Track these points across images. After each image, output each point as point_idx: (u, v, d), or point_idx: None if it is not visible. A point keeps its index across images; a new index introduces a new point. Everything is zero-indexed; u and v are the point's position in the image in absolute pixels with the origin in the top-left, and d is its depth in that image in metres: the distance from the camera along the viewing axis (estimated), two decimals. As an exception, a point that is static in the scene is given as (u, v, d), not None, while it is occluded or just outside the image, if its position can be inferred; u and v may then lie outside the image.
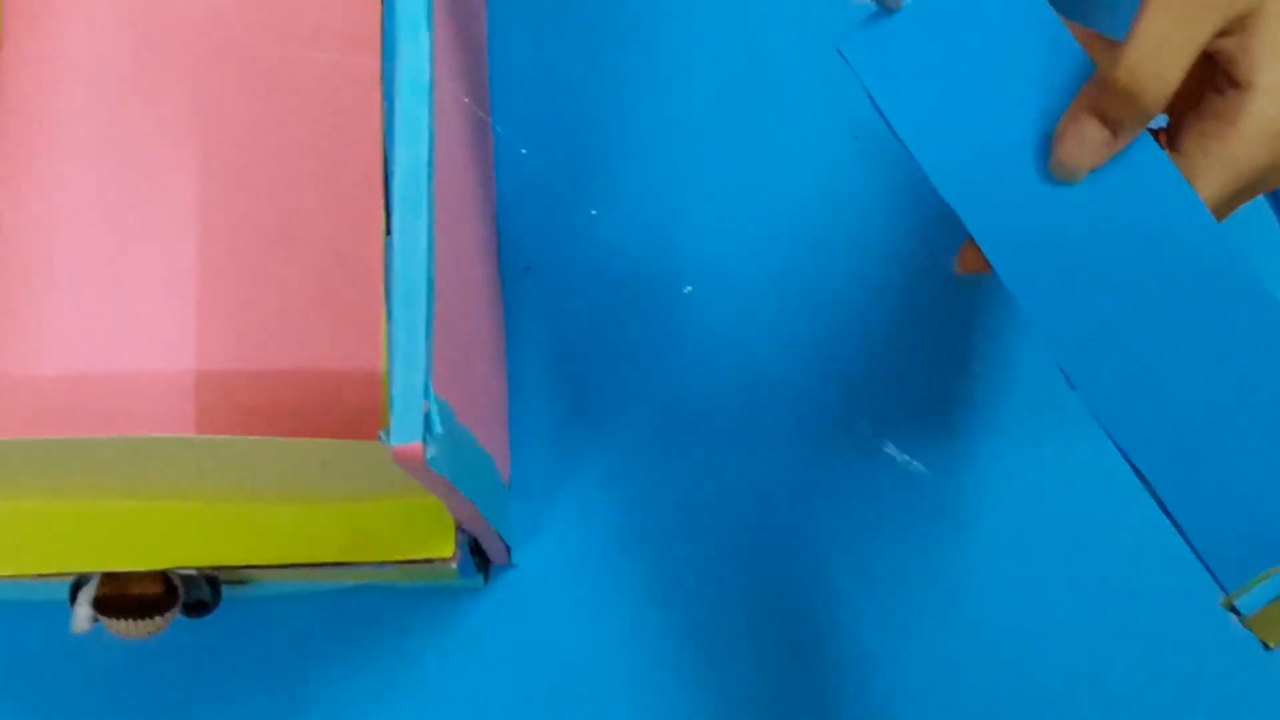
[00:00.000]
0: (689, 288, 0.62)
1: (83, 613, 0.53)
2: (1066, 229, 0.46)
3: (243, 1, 0.57)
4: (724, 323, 0.62)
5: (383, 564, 0.53)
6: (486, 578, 0.60)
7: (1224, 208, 0.47)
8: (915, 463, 0.61)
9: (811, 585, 0.60)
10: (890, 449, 0.61)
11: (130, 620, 0.53)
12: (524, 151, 0.62)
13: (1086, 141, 0.45)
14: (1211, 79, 0.46)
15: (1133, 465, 0.46)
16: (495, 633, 0.60)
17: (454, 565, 0.53)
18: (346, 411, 0.53)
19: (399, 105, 0.45)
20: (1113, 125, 0.45)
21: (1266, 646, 0.46)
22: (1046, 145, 0.46)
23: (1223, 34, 0.44)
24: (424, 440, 0.43)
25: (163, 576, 0.53)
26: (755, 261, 0.63)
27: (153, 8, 0.57)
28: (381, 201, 0.55)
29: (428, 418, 0.43)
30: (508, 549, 0.58)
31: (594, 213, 0.62)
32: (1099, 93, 0.45)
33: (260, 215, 0.55)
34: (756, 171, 0.64)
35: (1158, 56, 0.44)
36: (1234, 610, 0.46)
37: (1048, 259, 0.46)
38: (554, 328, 0.62)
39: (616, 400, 0.62)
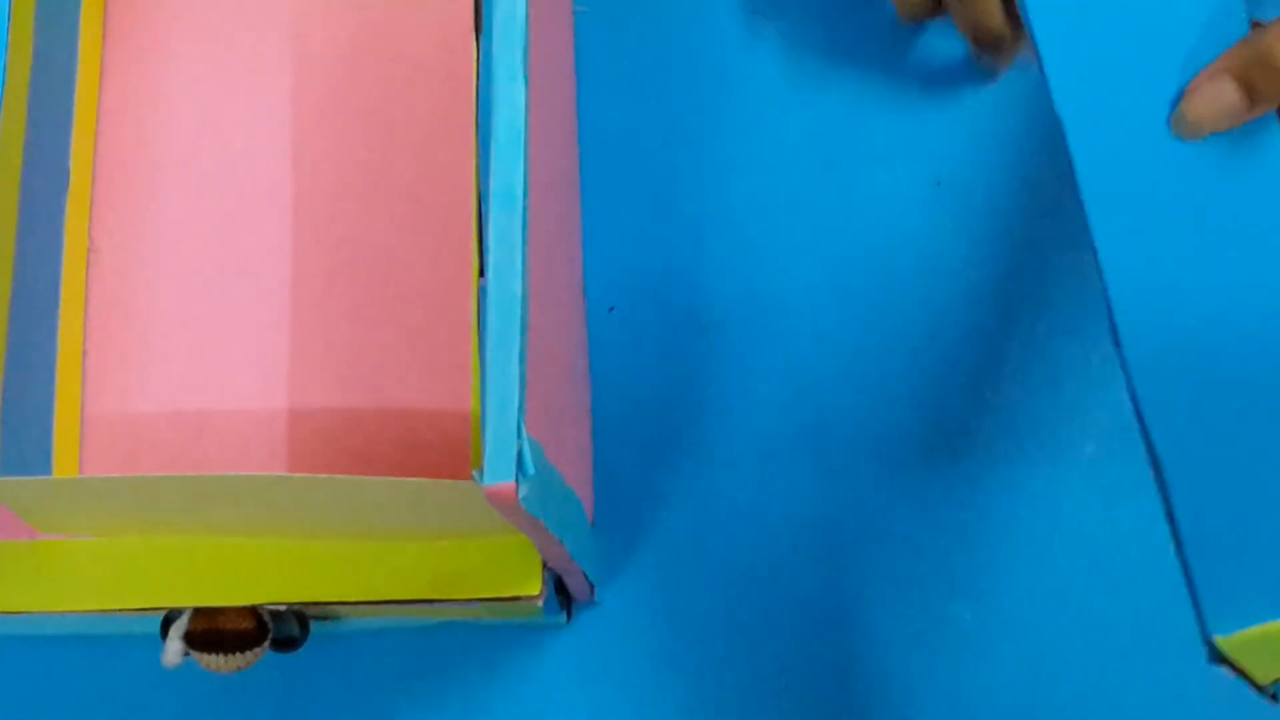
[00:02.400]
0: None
1: (174, 647, 0.53)
2: (1168, 187, 0.44)
3: (339, 44, 0.58)
4: (805, 365, 0.62)
5: (469, 601, 0.53)
6: (569, 616, 0.60)
7: None
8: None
9: (910, 625, 0.60)
10: (974, 478, 0.61)
11: (220, 655, 0.53)
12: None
13: (1220, 102, 0.43)
14: None
15: (1153, 458, 0.44)
16: (578, 671, 0.60)
17: (540, 603, 0.53)
18: (436, 450, 0.54)
19: (495, 148, 0.45)
20: (1252, 93, 0.43)
21: (1264, 690, 0.44)
22: (1177, 90, 0.44)
23: None
24: (517, 480, 0.43)
25: (253, 612, 0.53)
26: (836, 303, 0.63)
27: (250, 47, 0.58)
28: (472, 241, 0.55)
29: (520, 457, 0.43)
30: (592, 587, 0.58)
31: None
32: (1248, 57, 0.43)
33: (353, 254, 0.56)
34: (839, 216, 0.63)
35: None
36: (1213, 650, 0.44)
37: (1137, 208, 0.44)
38: (637, 367, 0.62)
39: (699, 440, 0.62)
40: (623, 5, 0.66)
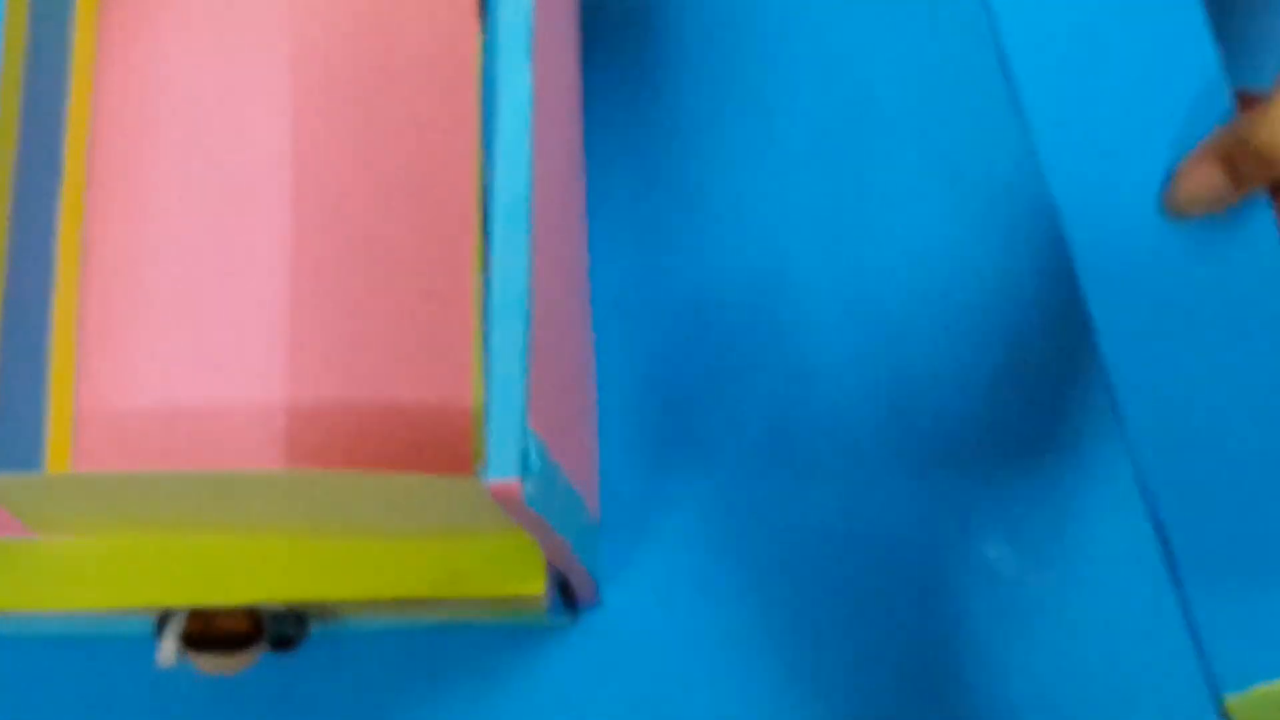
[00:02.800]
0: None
1: (169, 646, 0.53)
2: (1159, 265, 0.46)
3: (339, 33, 0.58)
4: (813, 362, 0.62)
5: (471, 601, 0.53)
6: (573, 616, 0.60)
7: None
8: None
9: (914, 622, 0.60)
10: (985, 484, 0.60)
11: (216, 655, 0.53)
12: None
13: (1208, 187, 0.45)
14: None
15: (1159, 532, 0.45)
16: (582, 671, 0.60)
17: (543, 603, 0.52)
18: (437, 446, 0.53)
19: (500, 140, 0.45)
20: (1238, 179, 0.44)
21: None
22: (1165, 172, 0.45)
23: None
24: (521, 477, 0.43)
25: (250, 612, 0.53)
26: (847, 302, 0.63)
27: (248, 38, 0.58)
28: (474, 236, 0.55)
29: (524, 454, 0.43)
30: (595, 586, 0.58)
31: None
32: (1234, 144, 0.44)
33: (352, 248, 0.55)
34: (851, 213, 0.63)
35: None
36: (1220, 707, 0.45)
37: (1132, 287, 0.45)
38: (643, 364, 0.62)
39: (706, 435, 0.62)
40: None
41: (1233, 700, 0.44)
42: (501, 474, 0.43)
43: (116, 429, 0.55)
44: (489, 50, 0.47)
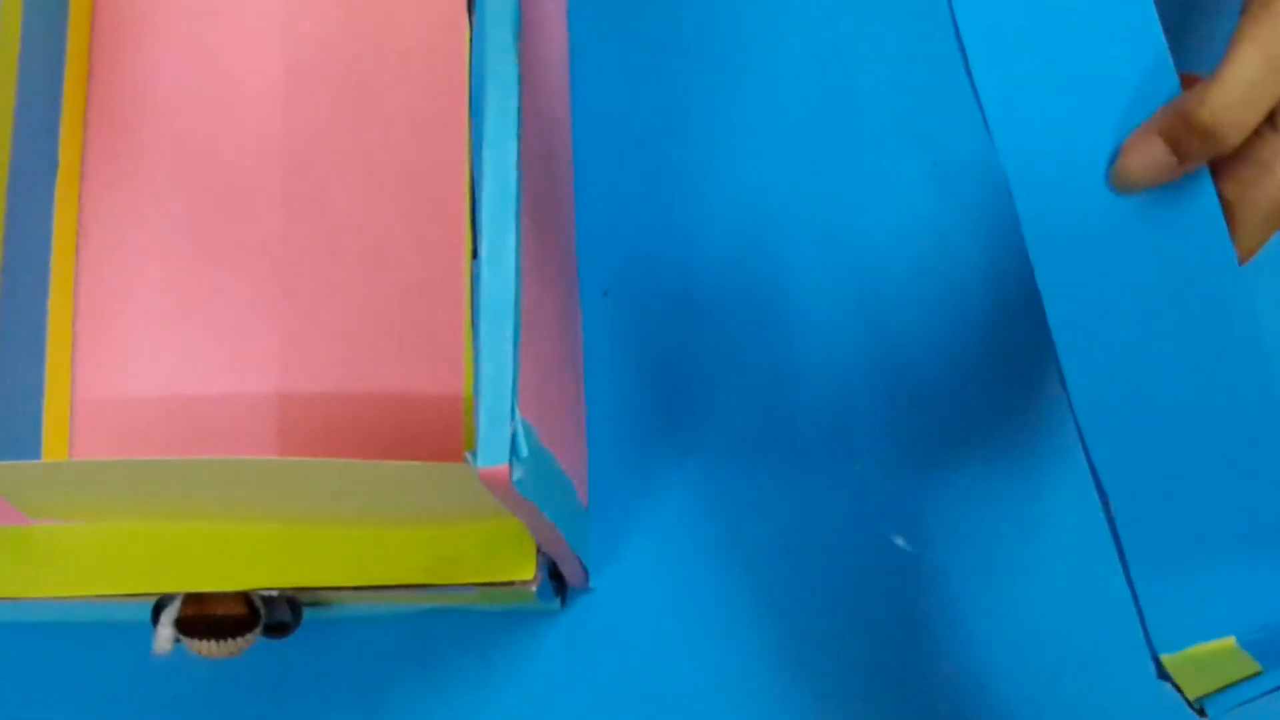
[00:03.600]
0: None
1: (165, 633, 0.53)
2: (1106, 237, 0.47)
3: (331, 28, 0.58)
4: (801, 348, 0.62)
5: (463, 586, 0.53)
6: (564, 601, 0.60)
7: (1255, 249, 0.47)
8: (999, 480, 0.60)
9: (898, 607, 0.60)
10: (971, 468, 0.61)
11: (212, 641, 0.53)
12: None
13: (1152, 162, 0.46)
14: None
15: (1104, 503, 0.46)
16: (572, 656, 0.60)
17: (534, 588, 0.53)
18: (428, 433, 0.54)
19: (488, 130, 0.45)
20: (1182, 154, 0.45)
21: (1191, 705, 0.45)
22: (1113, 148, 0.46)
23: None
24: (510, 462, 0.43)
25: (245, 598, 0.53)
26: (833, 287, 0.63)
27: (239, 32, 0.58)
28: (464, 225, 0.55)
29: (514, 440, 0.43)
30: (586, 572, 0.58)
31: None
32: (1177, 121, 0.45)
33: (344, 239, 0.56)
34: (835, 198, 0.63)
35: (1244, 101, 0.44)
36: (1160, 667, 0.46)
37: (1080, 259, 0.46)
38: (631, 351, 0.62)
39: (694, 424, 0.62)
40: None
41: (1169, 659, 0.46)
42: (491, 460, 0.43)
43: (113, 417, 0.55)
44: (477, 41, 0.47)
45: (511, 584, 0.52)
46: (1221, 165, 0.46)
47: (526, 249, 0.46)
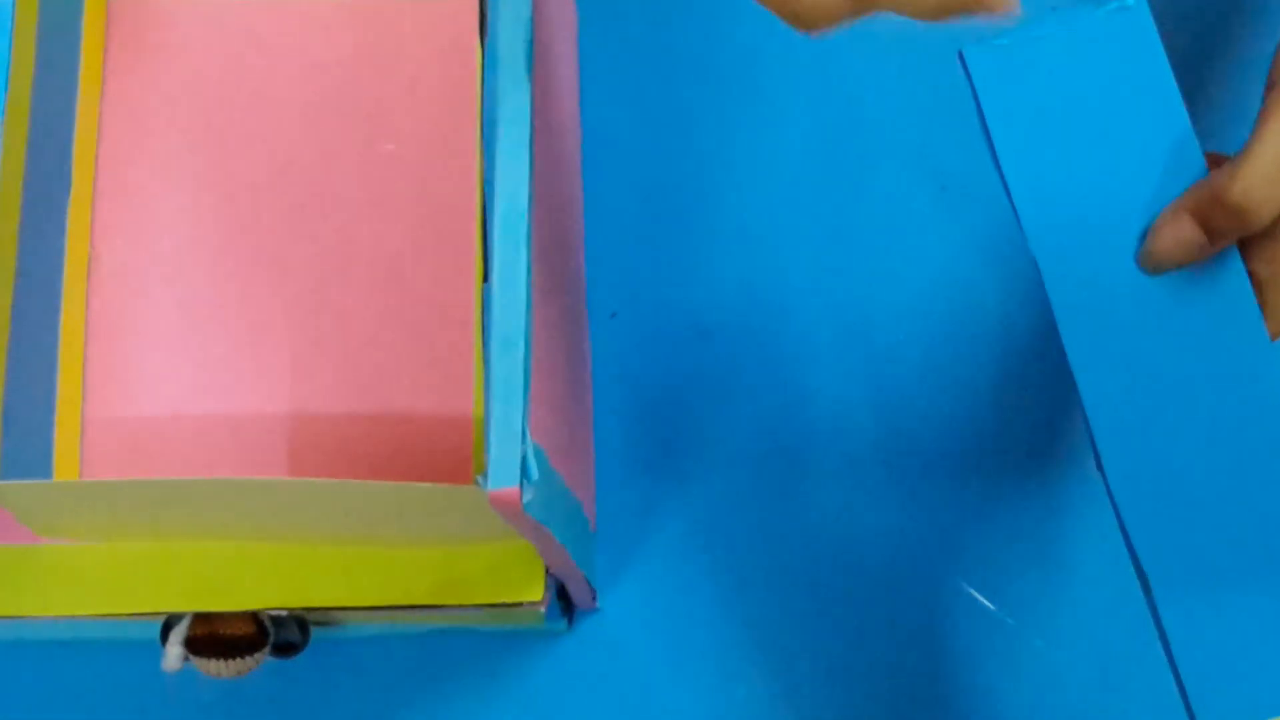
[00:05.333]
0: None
1: (174, 652, 0.53)
2: (1136, 317, 0.47)
3: (342, 50, 0.58)
4: (807, 371, 0.62)
5: (471, 607, 0.53)
6: (571, 622, 0.60)
7: None
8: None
9: (904, 631, 0.60)
10: (977, 492, 0.61)
11: (220, 660, 0.53)
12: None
13: (1183, 241, 0.46)
14: None
15: (1142, 581, 0.47)
16: (579, 677, 0.60)
17: (542, 609, 0.53)
18: (438, 455, 0.54)
19: (500, 153, 0.46)
20: (1212, 233, 0.45)
21: None
22: (1141, 229, 0.46)
23: None
24: (521, 485, 0.43)
25: (253, 617, 0.53)
26: (839, 311, 0.63)
27: (250, 57, 0.58)
28: (475, 247, 0.56)
29: (524, 462, 0.44)
30: (593, 592, 0.58)
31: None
32: (1207, 198, 0.45)
33: (356, 259, 0.56)
34: (843, 223, 0.64)
35: (1274, 180, 0.44)
36: None
37: (1110, 340, 0.47)
38: (639, 373, 0.63)
39: (701, 446, 0.62)
40: (626, 10, 0.66)
41: None
42: (502, 483, 0.43)
43: (123, 437, 0.55)
44: (489, 66, 0.48)
45: (520, 605, 0.52)
46: (1250, 244, 0.46)
47: (537, 272, 0.47)
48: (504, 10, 0.47)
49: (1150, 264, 0.46)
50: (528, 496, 0.43)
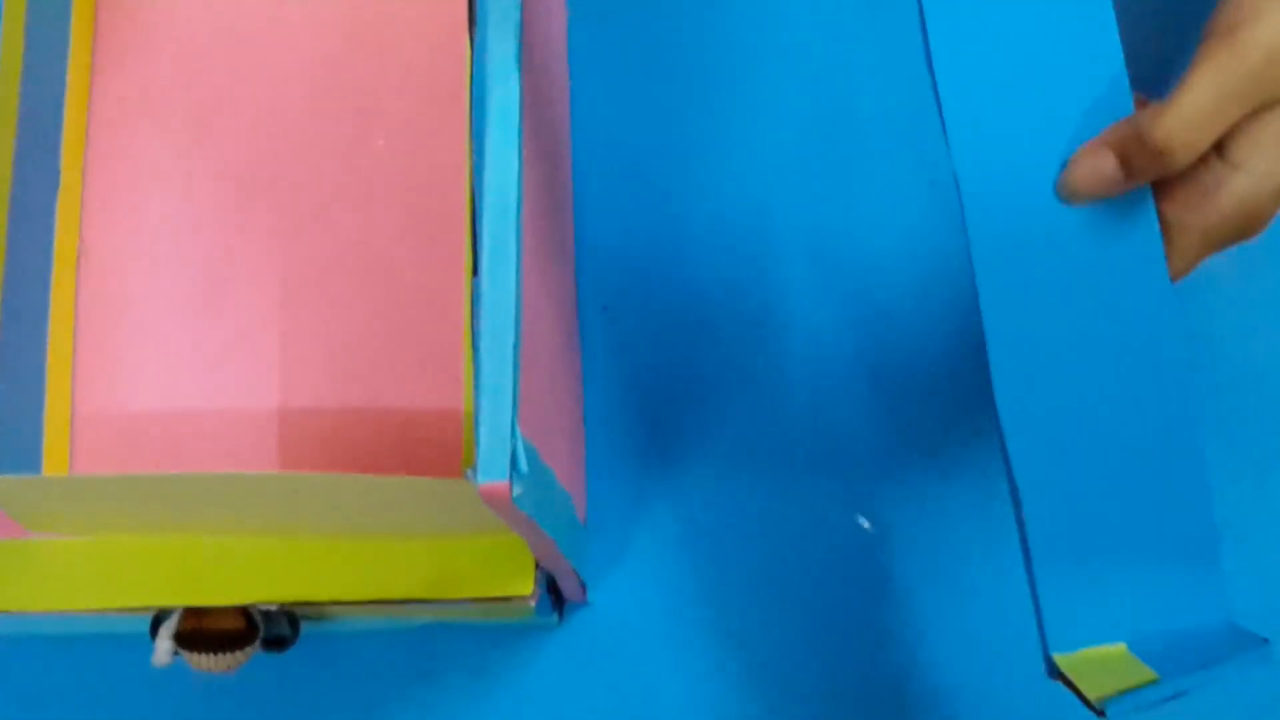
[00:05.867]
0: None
1: (164, 646, 0.53)
2: (1046, 243, 0.48)
3: (330, 44, 0.58)
4: (798, 364, 0.62)
5: (462, 601, 0.53)
6: (561, 616, 0.60)
7: (1186, 270, 0.49)
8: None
9: (893, 624, 0.60)
10: (972, 487, 0.61)
11: (210, 654, 0.53)
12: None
13: (1100, 174, 0.47)
14: None
15: (1016, 504, 0.47)
16: (569, 671, 0.60)
17: (532, 603, 0.53)
18: (428, 449, 0.54)
19: (489, 147, 0.45)
20: (1130, 170, 0.46)
21: (1090, 705, 0.46)
22: (1064, 159, 0.47)
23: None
24: (510, 479, 0.43)
25: (243, 612, 0.53)
26: (830, 304, 0.63)
27: (240, 49, 0.58)
28: (464, 241, 0.56)
29: (514, 456, 0.43)
30: (584, 587, 0.58)
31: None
32: (1130, 136, 0.46)
33: (345, 255, 0.56)
34: (833, 216, 0.64)
35: (1195, 126, 0.45)
36: (1052, 666, 0.47)
37: (1019, 267, 0.48)
38: (630, 367, 0.63)
39: (692, 440, 0.62)
40: (616, 4, 0.66)
41: (1061, 659, 0.47)
42: (491, 476, 0.43)
43: (113, 432, 0.55)
44: (478, 61, 0.48)
45: (510, 599, 0.52)
46: (1165, 187, 0.48)
47: (527, 265, 0.47)
48: (493, 4, 0.47)
49: (1067, 192, 0.47)
50: (517, 490, 0.43)
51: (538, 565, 0.53)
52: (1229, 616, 0.48)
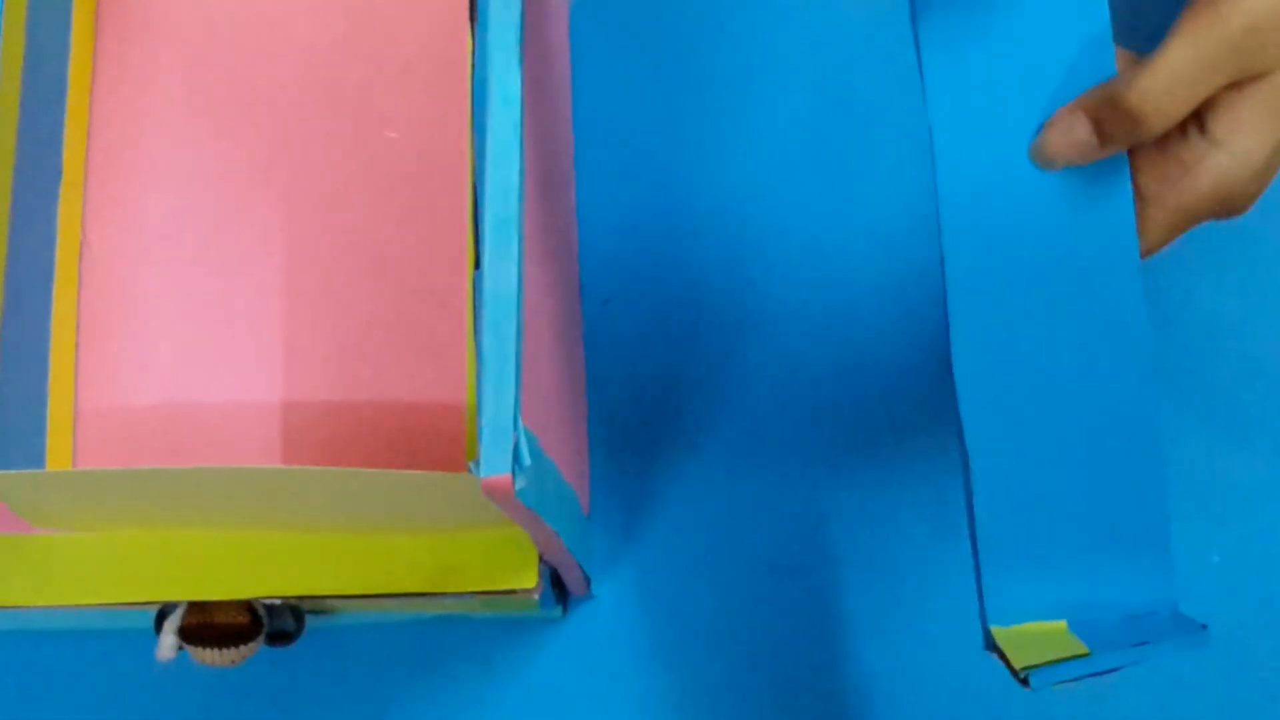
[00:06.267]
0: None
1: (168, 641, 0.53)
2: (1017, 209, 0.47)
3: (332, 35, 0.58)
4: (803, 353, 0.62)
5: (465, 594, 0.53)
6: (565, 609, 0.60)
7: (1159, 246, 0.48)
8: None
9: (902, 610, 0.60)
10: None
11: (215, 649, 0.53)
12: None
13: (1074, 139, 0.46)
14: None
15: (965, 467, 0.47)
16: (573, 664, 0.60)
17: (536, 596, 0.53)
18: (431, 442, 0.54)
19: (491, 138, 0.45)
20: (1104, 135, 0.46)
21: (1015, 674, 0.46)
22: (1040, 122, 0.47)
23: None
24: (513, 472, 0.43)
25: (248, 606, 0.53)
26: (834, 293, 0.63)
27: (242, 41, 0.58)
28: (467, 234, 0.55)
29: (516, 449, 0.43)
30: (587, 580, 0.58)
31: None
32: (1103, 100, 0.45)
33: (347, 247, 0.56)
34: (837, 208, 0.64)
35: (1170, 92, 0.44)
36: (989, 638, 0.47)
37: (988, 229, 0.47)
38: (633, 359, 0.63)
39: (695, 432, 0.62)
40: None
41: (999, 631, 0.47)
42: (494, 470, 0.43)
43: (116, 426, 0.55)
44: (480, 51, 0.47)
45: (514, 592, 0.52)
46: (1144, 159, 0.47)
47: (529, 257, 0.47)
48: (495, -6, 0.47)
49: (1040, 157, 0.47)
50: (520, 483, 0.43)
51: (541, 558, 0.53)
52: (1174, 603, 0.47)
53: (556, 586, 0.57)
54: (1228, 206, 0.47)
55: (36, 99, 0.55)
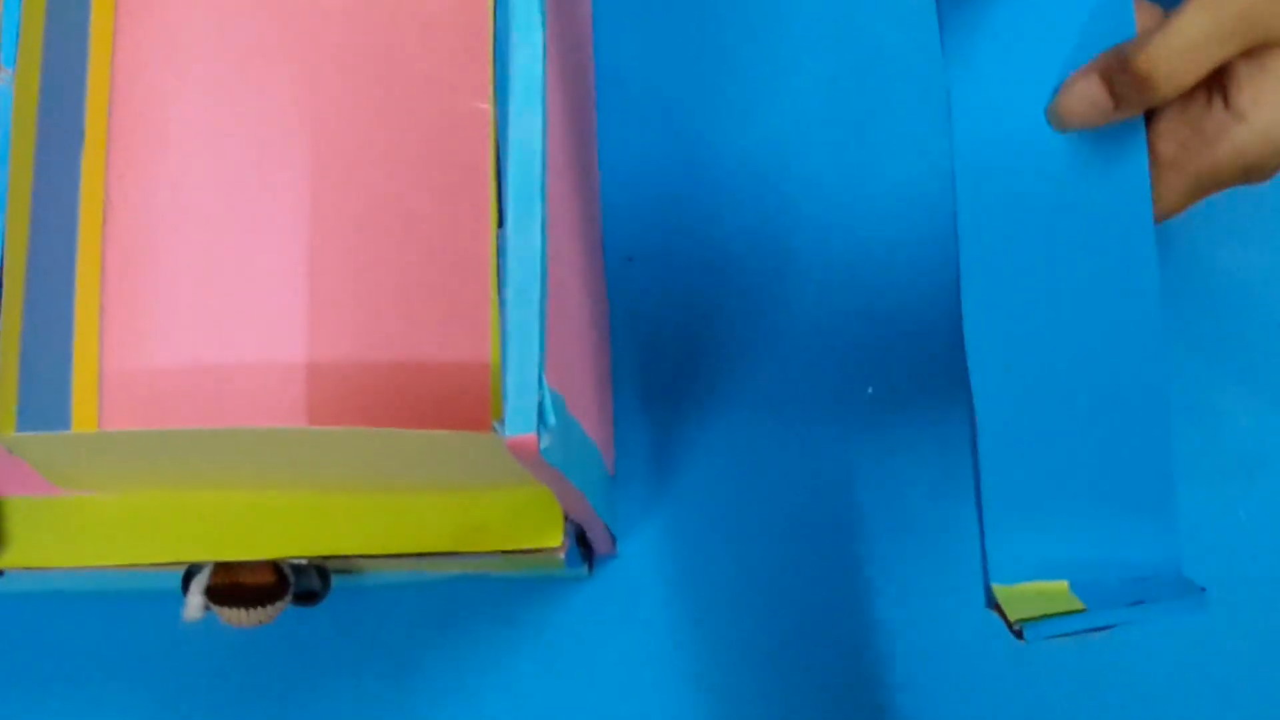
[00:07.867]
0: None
1: (195, 601, 0.53)
2: (1033, 169, 0.47)
3: (353, -3, 0.58)
4: (827, 311, 0.62)
5: (491, 554, 0.53)
6: (590, 568, 0.60)
7: (1173, 212, 0.48)
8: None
9: (925, 574, 0.60)
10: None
11: (241, 609, 0.54)
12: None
13: (1088, 101, 0.46)
14: (1207, 79, 0.45)
15: (972, 424, 0.47)
16: (599, 622, 0.60)
17: (561, 555, 0.53)
18: (456, 402, 0.54)
19: (513, 97, 0.45)
20: (1117, 98, 0.46)
21: (1010, 627, 0.46)
22: (1058, 84, 0.47)
23: (1244, 52, 0.45)
24: (538, 431, 0.43)
25: (274, 566, 0.53)
26: (858, 250, 0.63)
27: (263, 5, 0.58)
28: (490, 193, 0.55)
29: (541, 408, 0.43)
30: (613, 539, 0.58)
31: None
32: (1117, 64, 0.45)
33: (370, 206, 0.56)
34: (860, 163, 0.63)
35: (1182, 57, 0.44)
36: (990, 595, 0.47)
37: (1004, 188, 0.47)
38: (656, 318, 0.63)
39: (719, 390, 0.62)
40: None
41: (1000, 589, 0.47)
42: (519, 429, 0.43)
43: (141, 387, 0.55)
44: (501, 10, 0.47)
45: (539, 551, 0.52)
46: (1165, 123, 0.46)
47: (552, 217, 0.46)
48: (517, -48, 0.47)
49: (1055, 119, 0.47)
50: (545, 442, 0.43)
51: (566, 517, 0.53)
52: (1178, 565, 0.47)
53: (582, 545, 0.58)
54: (1248, 177, 0.47)
55: (59, 61, 0.55)
